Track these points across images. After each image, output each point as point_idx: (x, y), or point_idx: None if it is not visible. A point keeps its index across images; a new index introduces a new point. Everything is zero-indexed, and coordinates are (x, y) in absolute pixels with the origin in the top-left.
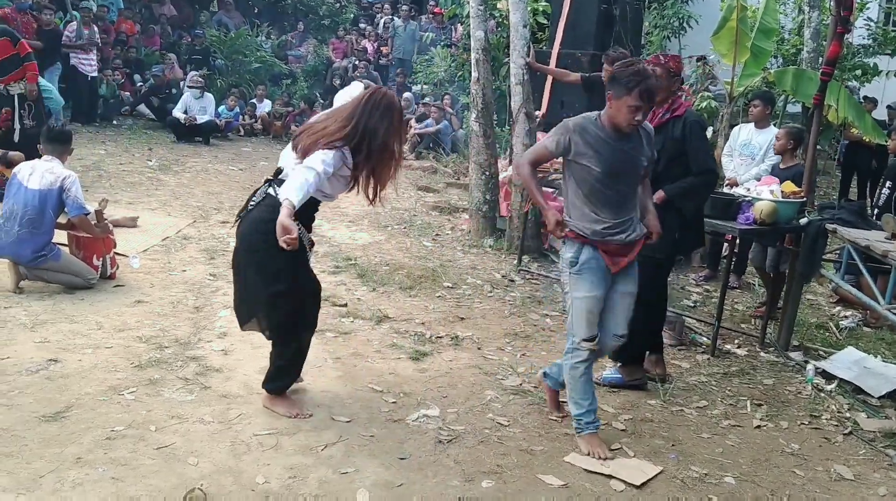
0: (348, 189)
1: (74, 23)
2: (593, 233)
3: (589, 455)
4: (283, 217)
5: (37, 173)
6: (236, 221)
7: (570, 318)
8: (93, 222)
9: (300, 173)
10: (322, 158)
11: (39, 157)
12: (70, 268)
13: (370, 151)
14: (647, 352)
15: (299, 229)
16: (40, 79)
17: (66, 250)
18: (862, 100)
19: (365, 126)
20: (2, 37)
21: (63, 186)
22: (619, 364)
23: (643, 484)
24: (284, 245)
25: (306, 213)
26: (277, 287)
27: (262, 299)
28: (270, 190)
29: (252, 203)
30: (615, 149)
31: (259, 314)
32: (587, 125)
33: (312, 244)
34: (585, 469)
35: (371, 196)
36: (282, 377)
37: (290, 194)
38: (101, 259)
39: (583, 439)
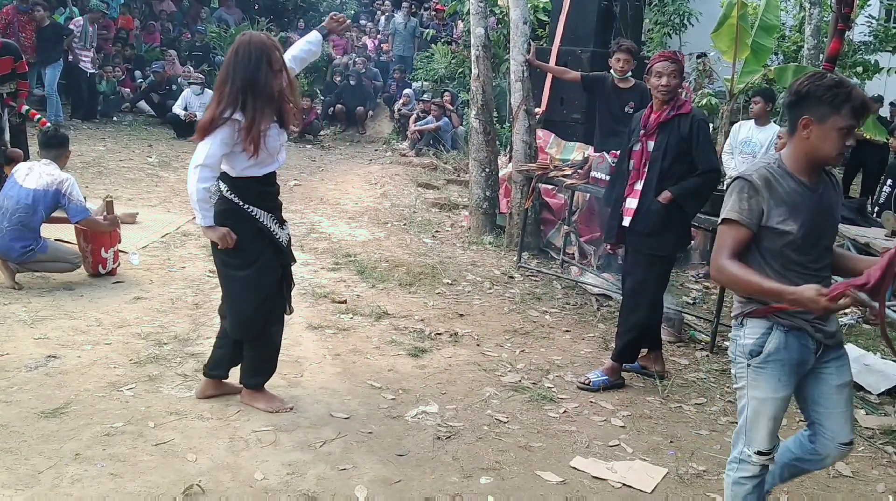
0: (248, 145)
1: (80, 19)
2: (791, 318)
3: None
4: (205, 236)
5: (34, 173)
6: None
7: (742, 421)
8: (99, 218)
9: (190, 194)
10: (200, 158)
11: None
12: (57, 256)
13: (255, 102)
14: (646, 349)
15: (252, 211)
16: None
17: (52, 239)
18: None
19: (242, 80)
20: (7, 55)
21: (62, 190)
22: (606, 365)
23: (654, 490)
24: (227, 244)
25: (255, 192)
26: (239, 274)
27: (227, 293)
28: (221, 185)
29: None
30: (812, 200)
31: (227, 307)
32: (772, 175)
33: (282, 222)
34: (593, 476)
35: (251, 147)
36: (260, 371)
37: (196, 218)
38: (108, 252)
39: None
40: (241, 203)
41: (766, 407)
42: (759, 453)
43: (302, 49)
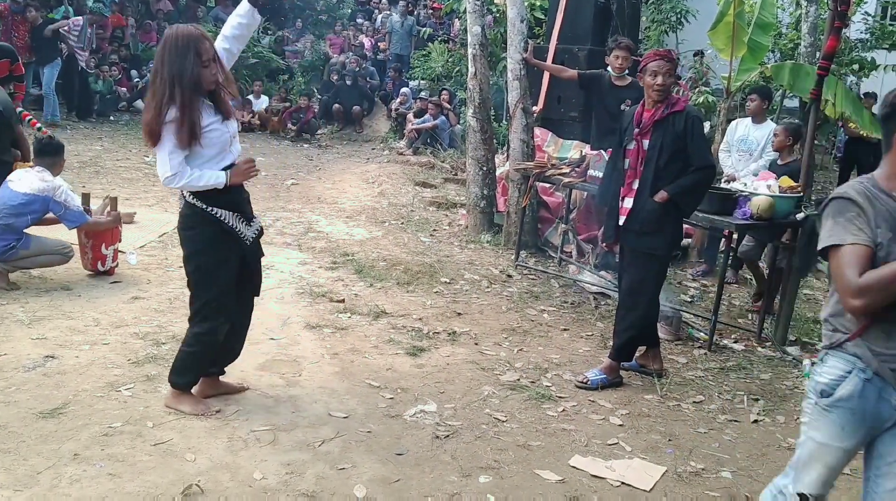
0: (183, 135)
1: (80, 19)
2: (879, 361)
3: None
4: (235, 184)
5: (27, 178)
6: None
7: (797, 456)
8: (100, 217)
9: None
10: (165, 170)
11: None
12: (43, 249)
13: (182, 91)
14: (644, 347)
15: (216, 213)
16: None
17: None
18: (862, 96)
19: (170, 71)
20: (3, 58)
21: (53, 197)
22: (605, 363)
23: (653, 488)
24: (253, 173)
25: (215, 191)
26: (201, 269)
27: (191, 283)
28: (184, 191)
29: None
30: None
31: (191, 295)
32: (869, 191)
33: (250, 220)
34: (592, 475)
35: (186, 136)
36: (188, 370)
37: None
38: (108, 249)
39: None
40: (204, 206)
41: (822, 453)
42: (801, 495)
43: (233, 26)
